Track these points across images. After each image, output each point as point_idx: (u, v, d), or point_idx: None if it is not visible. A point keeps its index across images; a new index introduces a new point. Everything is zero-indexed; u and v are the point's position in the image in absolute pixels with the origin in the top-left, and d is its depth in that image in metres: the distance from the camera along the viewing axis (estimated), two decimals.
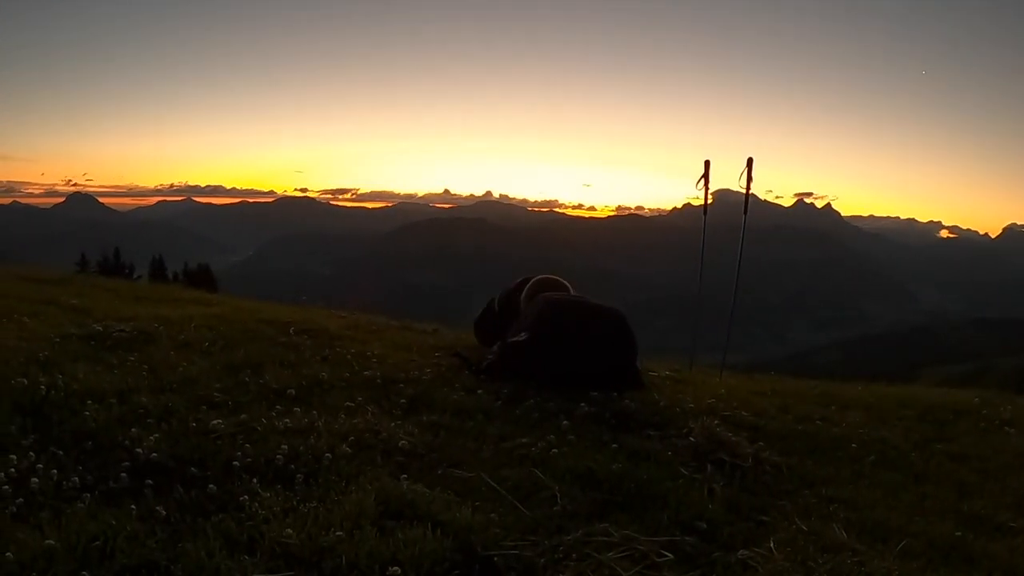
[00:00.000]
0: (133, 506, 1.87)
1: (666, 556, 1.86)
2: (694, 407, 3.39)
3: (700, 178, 5.61)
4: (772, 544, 1.99)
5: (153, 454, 2.22)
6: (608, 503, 2.20)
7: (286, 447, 2.33)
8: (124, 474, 2.09)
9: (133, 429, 2.43)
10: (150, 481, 2.04)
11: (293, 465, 2.23)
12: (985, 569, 2.09)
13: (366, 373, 3.55)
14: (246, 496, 1.97)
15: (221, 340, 4.16)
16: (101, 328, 4.11)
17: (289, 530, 1.76)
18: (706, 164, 5.59)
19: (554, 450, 2.59)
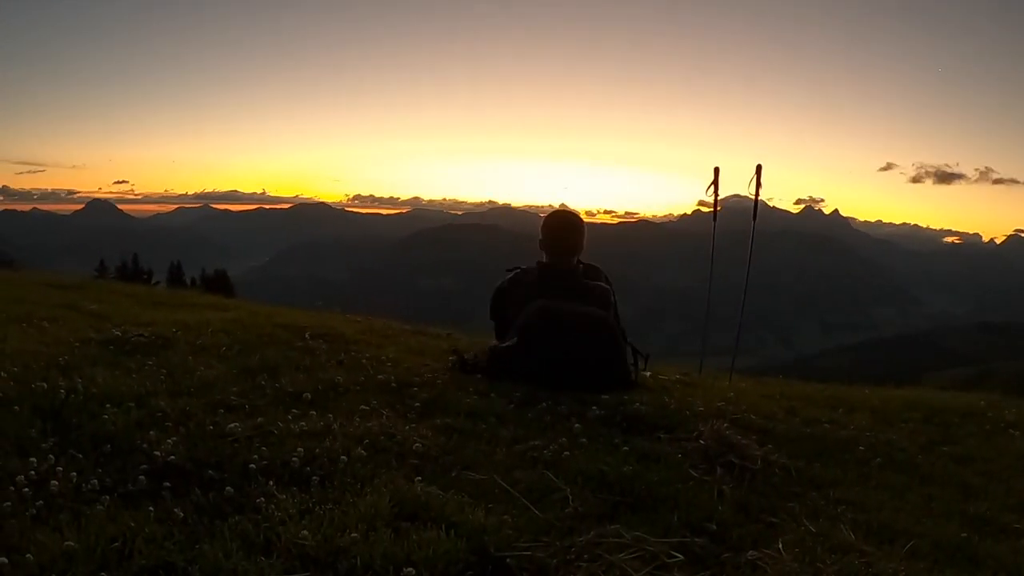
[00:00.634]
0: (151, 508, 1.88)
1: (676, 557, 1.86)
2: (704, 410, 3.40)
3: (710, 185, 5.68)
4: (781, 545, 1.99)
5: (171, 457, 2.23)
6: (619, 505, 2.21)
7: (302, 450, 2.34)
8: (142, 477, 2.10)
9: (151, 432, 2.44)
10: (168, 484, 2.05)
11: (309, 468, 2.24)
12: (990, 569, 2.10)
13: (381, 377, 3.57)
14: (263, 498, 1.98)
15: (238, 344, 4.19)
16: (120, 333, 4.15)
17: (305, 531, 1.77)
18: (716, 171, 5.67)
19: (566, 453, 2.60)
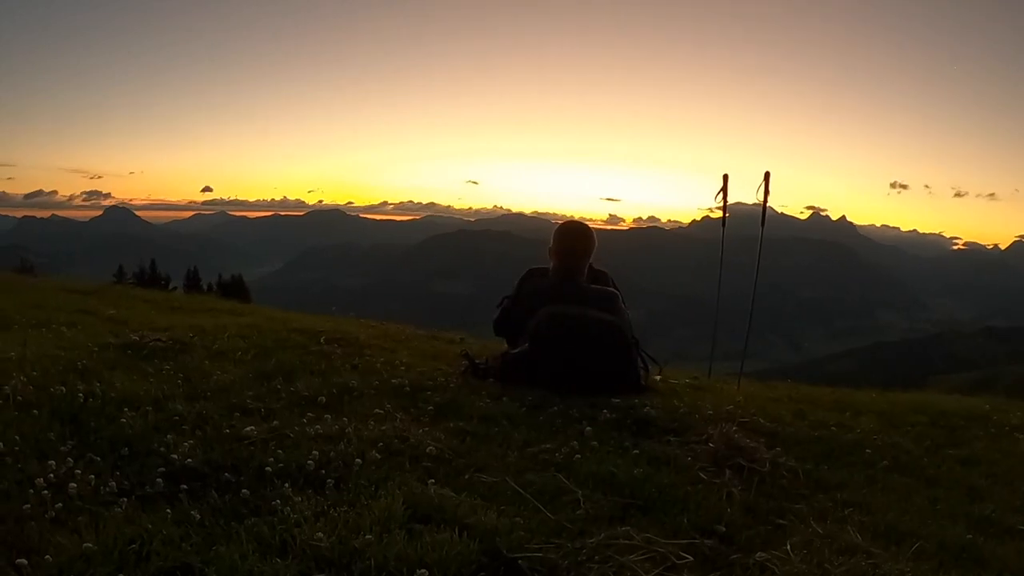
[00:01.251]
0: (169, 510, 1.91)
1: (686, 558, 1.87)
2: (713, 413, 3.41)
3: (719, 191, 5.74)
4: (789, 547, 2.00)
5: (188, 460, 2.26)
6: (629, 507, 2.22)
7: (317, 453, 2.36)
8: (160, 479, 2.13)
9: (168, 436, 2.47)
10: (185, 486, 2.07)
11: (324, 470, 2.26)
12: (995, 570, 2.12)
13: (395, 381, 3.59)
14: (278, 500, 2.00)
15: (254, 349, 4.23)
16: (138, 338, 4.20)
17: (320, 533, 1.79)
18: (725, 178, 5.73)
19: (577, 455, 2.62)
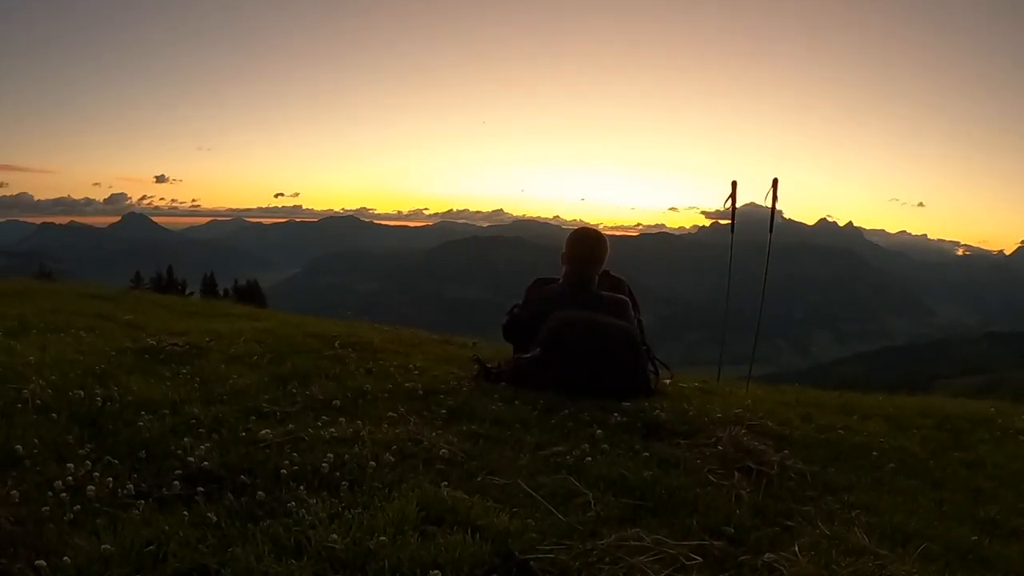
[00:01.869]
0: (185, 512, 1.92)
1: (695, 559, 1.88)
2: (722, 417, 3.42)
3: (727, 198, 5.77)
4: (797, 548, 2.01)
5: (204, 463, 2.28)
6: (640, 509, 2.24)
7: (332, 456, 2.38)
8: (177, 482, 2.15)
9: (185, 439, 2.50)
10: (202, 488, 2.10)
11: (338, 473, 2.28)
12: (1000, 571, 2.12)
13: (408, 385, 3.61)
14: (293, 503, 2.02)
15: (269, 353, 4.26)
16: (155, 342, 4.23)
17: (335, 535, 1.80)
18: (733, 185, 5.78)
19: (588, 458, 2.63)
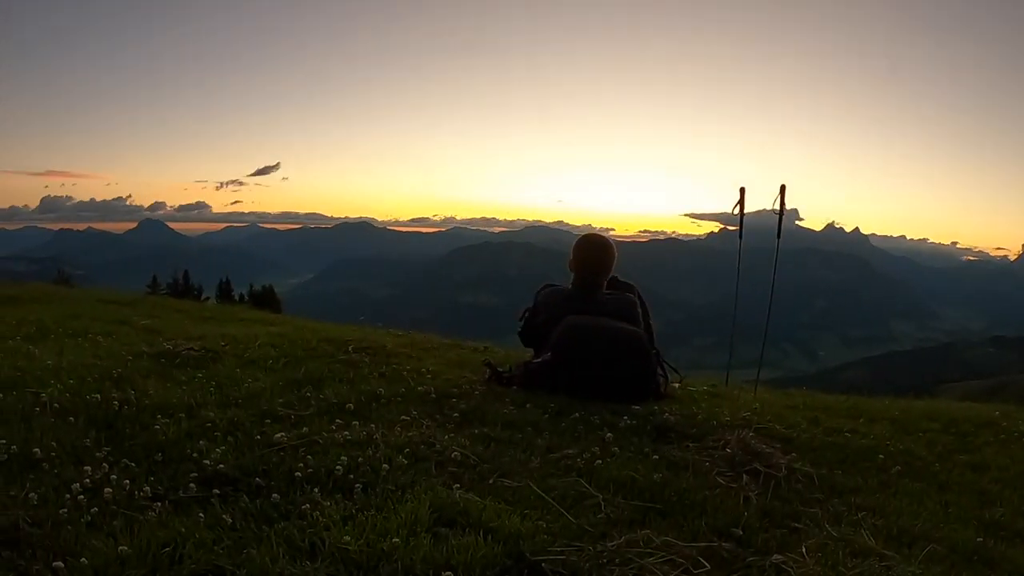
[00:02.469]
0: (201, 515, 1.94)
1: (703, 565, 1.89)
2: (730, 420, 3.45)
3: (736, 204, 5.80)
4: (804, 550, 2.02)
5: (220, 465, 2.30)
6: (649, 511, 2.25)
7: (345, 458, 2.39)
8: (192, 484, 2.17)
9: (201, 442, 2.52)
10: (217, 491, 2.11)
11: (352, 475, 2.29)
12: (1005, 573, 2.14)
13: (421, 388, 3.63)
14: (308, 505, 2.03)
15: (284, 357, 4.29)
16: (171, 347, 4.28)
17: (348, 537, 1.82)
18: (741, 191, 5.82)
19: (598, 461, 2.64)
